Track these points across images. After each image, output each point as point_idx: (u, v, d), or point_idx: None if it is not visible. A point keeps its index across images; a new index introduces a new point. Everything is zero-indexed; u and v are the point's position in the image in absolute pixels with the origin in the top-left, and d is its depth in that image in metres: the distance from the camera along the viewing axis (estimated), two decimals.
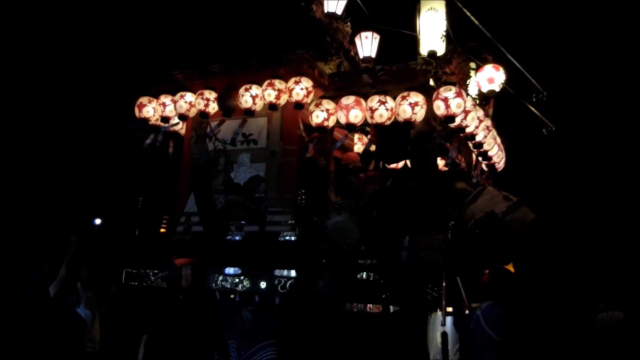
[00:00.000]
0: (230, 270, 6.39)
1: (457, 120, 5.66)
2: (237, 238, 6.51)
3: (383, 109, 5.76)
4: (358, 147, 8.35)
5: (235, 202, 6.87)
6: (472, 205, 6.40)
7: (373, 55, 7.97)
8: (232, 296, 6.53)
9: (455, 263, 5.21)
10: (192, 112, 7.02)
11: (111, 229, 8.17)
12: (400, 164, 7.93)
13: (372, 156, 6.93)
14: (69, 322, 6.61)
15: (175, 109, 7.04)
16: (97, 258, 7.65)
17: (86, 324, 6.72)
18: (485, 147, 6.46)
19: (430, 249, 5.38)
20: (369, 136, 8.45)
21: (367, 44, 7.98)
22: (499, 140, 6.86)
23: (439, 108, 5.51)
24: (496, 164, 7.14)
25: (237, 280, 6.35)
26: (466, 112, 5.68)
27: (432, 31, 6.01)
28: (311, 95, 6.35)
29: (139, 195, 7.23)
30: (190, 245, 6.69)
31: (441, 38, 5.95)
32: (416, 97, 5.65)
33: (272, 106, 6.48)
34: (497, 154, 6.86)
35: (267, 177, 6.79)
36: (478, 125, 5.99)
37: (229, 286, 6.38)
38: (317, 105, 6.12)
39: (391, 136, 5.89)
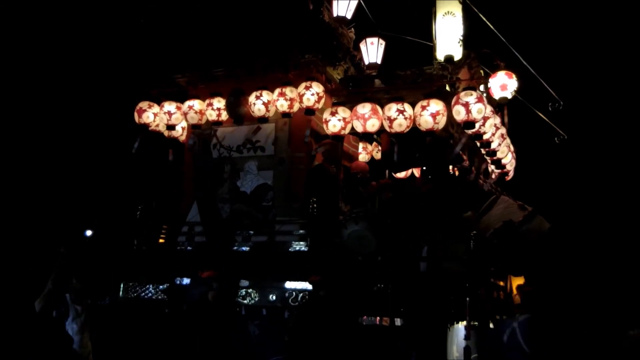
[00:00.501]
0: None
1: (476, 127, 5.51)
2: (244, 249, 6.25)
3: (402, 119, 5.58)
4: (363, 156, 8.15)
5: (241, 211, 6.65)
6: (486, 215, 6.26)
7: (379, 61, 7.80)
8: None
9: (479, 274, 5.03)
10: (203, 120, 6.77)
11: (105, 239, 7.85)
12: (408, 173, 7.82)
13: (388, 164, 6.70)
14: (54, 338, 6.31)
15: (186, 119, 6.78)
16: (89, 269, 7.33)
17: (72, 340, 6.41)
18: (499, 154, 6.32)
19: (451, 259, 5.19)
20: (373, 144, 8.32)
21: (373, 50, 7.81)
22: (512, 148, 6.73)
23: (459, 113, 5.34)
24: (508, 173, 7.01)
25: (244, 292, 6.09)
26: (485, 119, 5.53)
27: (448, 35, 5.86)
28: (322, 101, 6.14)
29: (137, 203, 6.94)
30: (192, 256, 6.44)
31: (459, 42, 5.80)
32: (436, 105, 5.47)
33: (285, 115, 6.26)
34: (510, 162, 6.73)
35: (275, 185, 6.56)
36: (494, 132, 5.85)
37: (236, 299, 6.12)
38: (332, 114, 5.92)
39: (408, 144, 5.71)
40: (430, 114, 5.44)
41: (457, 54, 5.85)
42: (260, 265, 6.01)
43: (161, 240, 7.01)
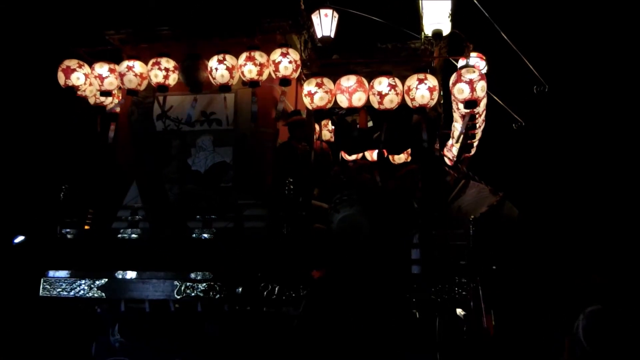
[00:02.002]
0: (196, 275, 5.29)
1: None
2: (205, 236, 5.41)
3: (393, 94, 5.13)
4: None
5: (194, 193, 5.81)
6: (459, 199, 6.08)
7: (332, 35, 7.29)
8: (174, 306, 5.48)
9: (480, 261, 4.80)
10: (143, 86, 5.77)
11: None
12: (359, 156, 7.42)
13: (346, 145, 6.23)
14: None
15: (122, 83, 5.72)
16: None
17: None
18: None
19: (450, 246, 4.90)
20: (322, 123, 7.80)
21: (327, 23, 7.22)
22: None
23: (463, 91, 5.01)
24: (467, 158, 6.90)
25: (204, 286, 5.27)
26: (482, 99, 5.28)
27: (436, 9, 5.52)
28: (299, 70, 5.52)
29: (60, 182, 5.76)
30: (137, 246, 5.47)
31: (448, 17, 5.49)
32: (433, 80, 5.11)
33: (253, 83, 5.51)
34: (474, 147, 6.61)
35: (235, 164, 5.79)
36: (481, 114, 5.64)
37: (194, 294, 5.28)
38: (319, 86, 5.30)
39: (396, 123, 5.30)
40: (428, 87, 5.06)
41: (446, 29, 5.54)
42: (224, 255, 5.27)
43: (86, 227, 5.93)
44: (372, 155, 7.42)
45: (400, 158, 6.80)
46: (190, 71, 5.63)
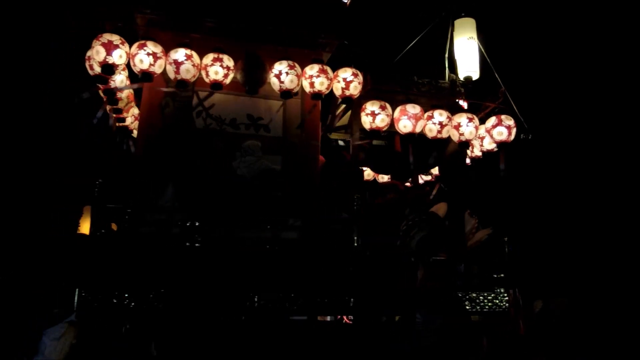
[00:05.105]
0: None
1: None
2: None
3: (450, 127, 5.86)
4: None
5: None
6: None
7: None
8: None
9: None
10: (194, 78, 5.31)
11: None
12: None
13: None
14: None
15: (177, 72, 5.14)
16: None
17: None
18: None
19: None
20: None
21: None
22: None
23: (502, 134, 5.95)
24: None
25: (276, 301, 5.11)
26: None
27: (468, 56, 6.35)
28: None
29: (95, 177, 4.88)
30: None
31: (478, 65, 6.37)
32: (476, 121, 5.95)
33: (318, 95, 5.54)
34: None
35: (285, 173, 5.69)
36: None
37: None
38: (382, 108, 5.69)
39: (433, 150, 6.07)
40: (474, 126, 5.88)
41: (476, 75, 6.42)
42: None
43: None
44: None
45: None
46: (252, 72, 5.39)
